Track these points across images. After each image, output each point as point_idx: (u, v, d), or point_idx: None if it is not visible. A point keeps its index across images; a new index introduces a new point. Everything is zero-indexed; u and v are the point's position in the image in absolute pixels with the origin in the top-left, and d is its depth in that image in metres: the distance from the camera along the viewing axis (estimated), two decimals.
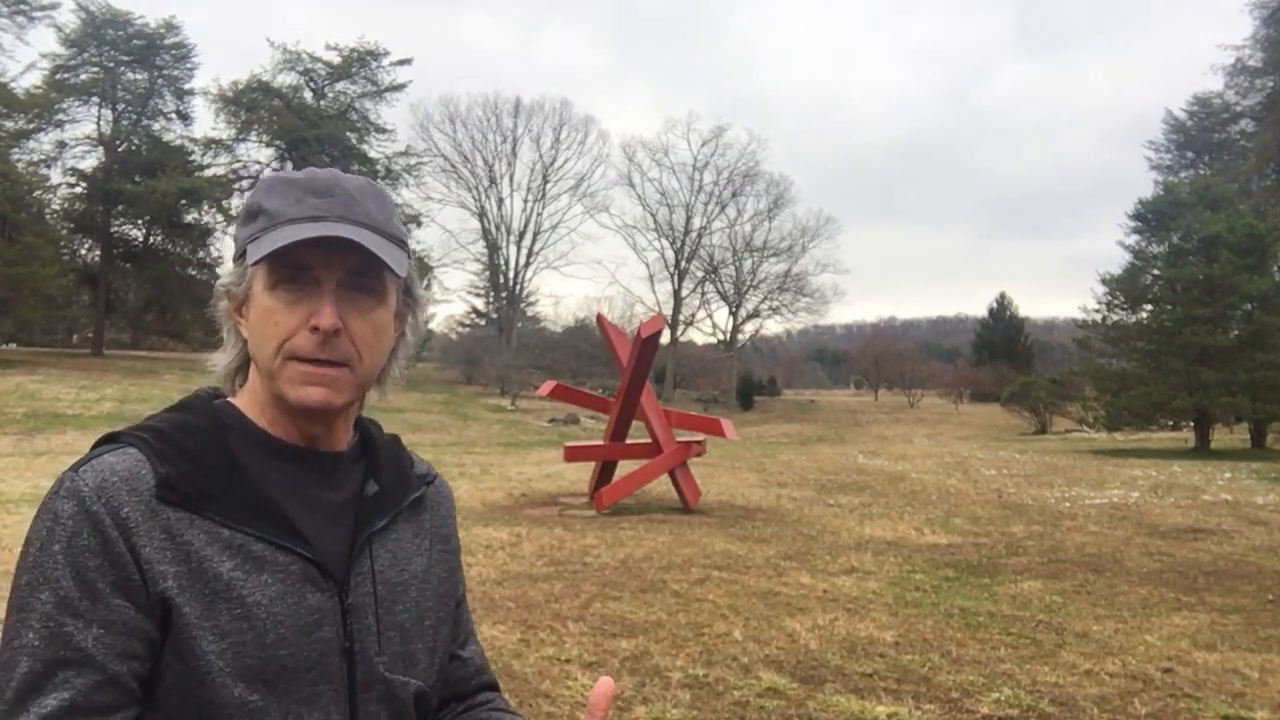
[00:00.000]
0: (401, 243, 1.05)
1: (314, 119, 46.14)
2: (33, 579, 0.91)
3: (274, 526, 0.99)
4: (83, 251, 44.40)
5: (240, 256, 1.03)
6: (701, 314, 57.69)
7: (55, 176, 42.26)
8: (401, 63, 49.42)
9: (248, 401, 1.06)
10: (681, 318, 55.83)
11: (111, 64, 42.14)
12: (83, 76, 42.00)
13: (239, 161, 47.11)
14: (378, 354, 1.05)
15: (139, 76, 43.48)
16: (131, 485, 0.94)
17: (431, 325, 63.30)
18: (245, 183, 47.14)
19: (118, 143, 43.05)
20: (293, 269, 0.99)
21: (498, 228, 54.79)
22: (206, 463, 0.99)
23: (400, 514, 1.11)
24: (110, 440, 1.00)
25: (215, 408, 1.06)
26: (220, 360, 1.09)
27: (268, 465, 1.02)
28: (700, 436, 12.41)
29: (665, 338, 44.24)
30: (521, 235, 54.54)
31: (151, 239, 44.95)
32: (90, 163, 42.86)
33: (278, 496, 1.01)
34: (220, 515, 0.97)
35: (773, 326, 65.31)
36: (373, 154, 49.27)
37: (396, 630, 1.05)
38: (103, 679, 0.89)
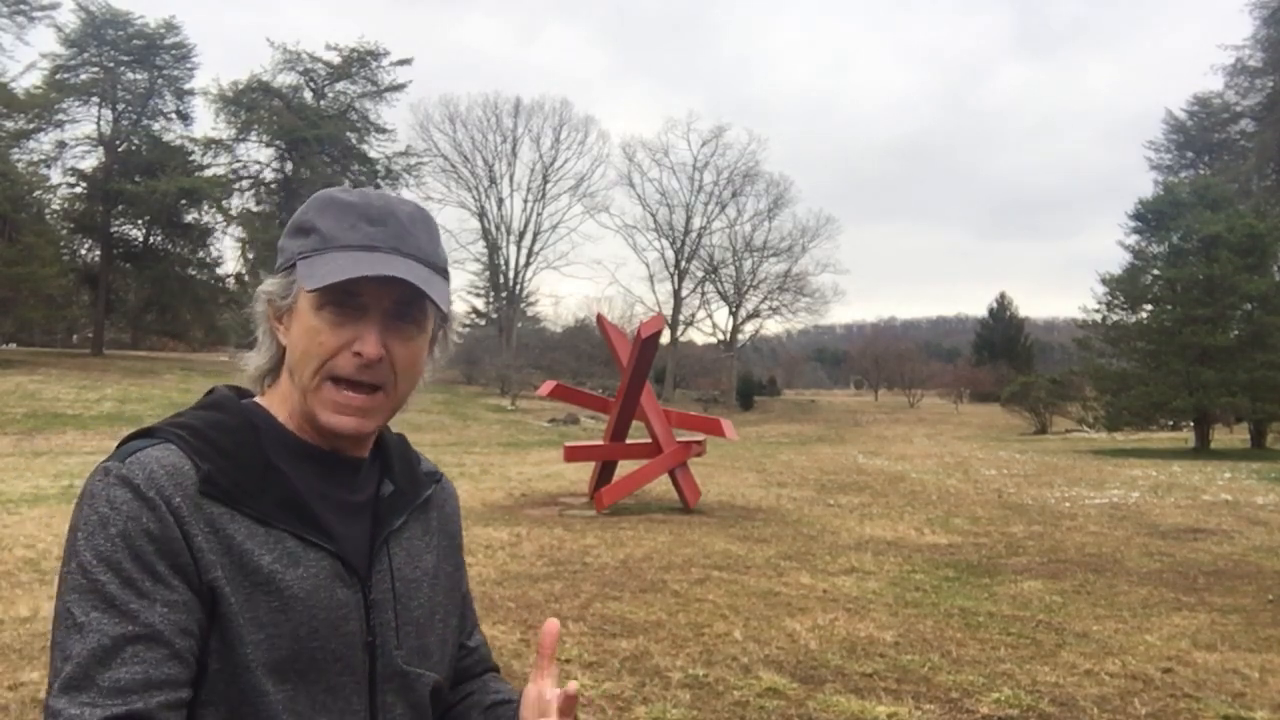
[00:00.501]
0: (445, 273, 1.10)
1: (314, 119, 46.15)
2: (87, 561, 0.92)
3: (306, 524, 1.02)
4: (83, 251, 44.38)
5: (289, 268, 1.06)
6: (701, 314, 57.76)
7: (55, 176, 42.29)
8: (401, 63, 49.49)
9: (276, 404, 1.09)
10: (681, 318, 55.84)
11: (111, 64, 42.13)
12: (83, 76, 41.98)
13: (239, 161, 47.16)
14: (413, 378, 1.10)
15: (139, 76, 43.48)
16: (177, 479, 0.97)
17: None
18: (245, 183, 47.23)
19: (118, 143, 43.04)
20: (343, 294, 1.02)
21: (498, 228, 54.83)
22: (242, 461, 1.01)
23: (414, 513, 1.16)
24: (145, 435, 1.02)
25: (245, 408, 1.08)
26: (254, 361, 1.11)
27: (296, 466, 1.05)
28: (700, 436, 12.40)
29: (665, 338, 44.25)
30: (521, 235, 54.58)
31: (151, 239, 44.93)
32: (90, 163, 42.90)
33: (306, 496, 1.04)
34: (257, 511, 1.00)
35: (773, 326, 65.37)
36: (373, 154, 49.32)
37: (413, 625, 1.10)
38: (170, 653, 0.91)
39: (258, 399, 1.11)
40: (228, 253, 47.17)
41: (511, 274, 54.63)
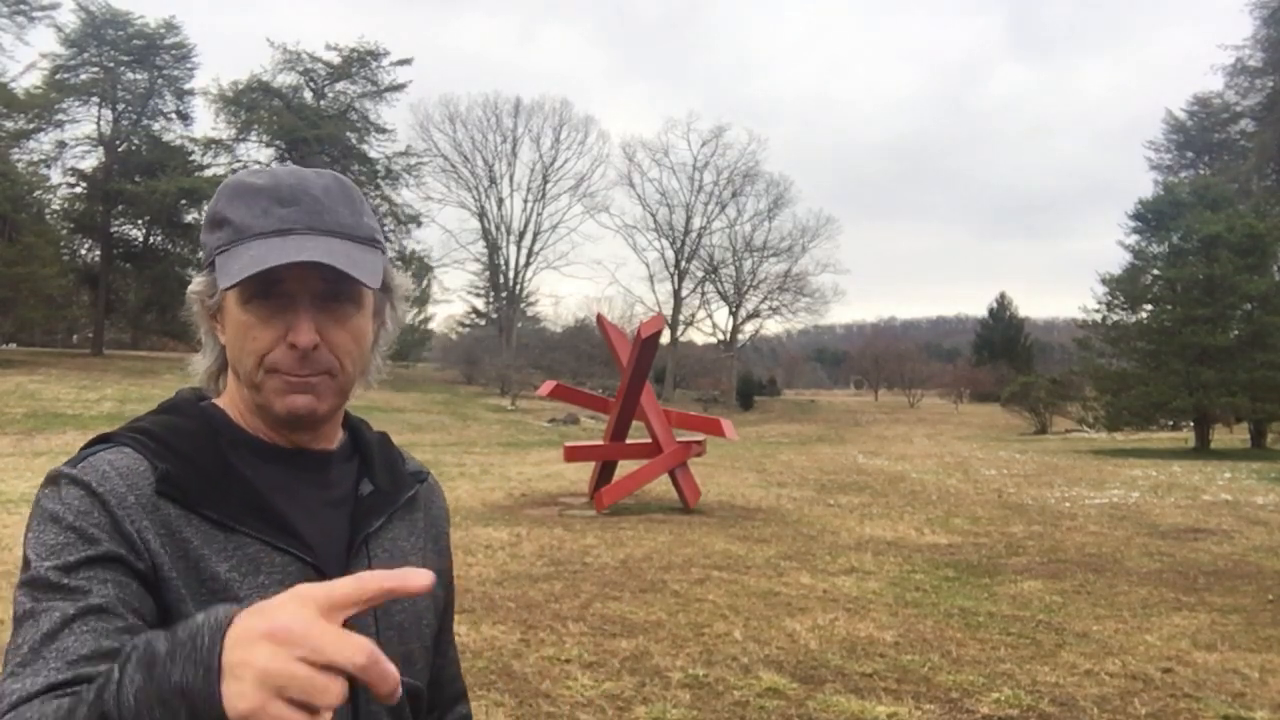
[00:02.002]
0: (374, 242, 1.02)
1: (314, 119, 46.16)
2: (39, 553, 0.89)
3: (271, 527, 0.97)
4: (83, 251, 44.42)
5: (210, 265, 1.01)
6: (701, 314, 57.77)
7: (55, 176, 42.33)
8: (401, 63, 49.49)
9: (230, 404, 1.05)
10: (681, 318, 55.84)
11: (111, 64, 42.14)
12: (83, 76, 42.00)
13: (239, 161, 47.09)
14: (359, 359, 1.04)
15: (139, 76, 43.50)
16: (131, 481, 0.93)
17: (431, 325, 63.45)
18: None
19: (118, 143, 43.05)
20: (265, 286, 0.96)
21: (498, 228, 54.83)
22: (200, 463, 0.97)
23: (395, 513, 1.11)
24: (101, 441, 0.99)
25: (204, 410, 1.05)
26: (201, 364, 1.07)
27: (259, 467, 1.01)
28: (700, 436, 12.40)
29: (665, 338, 44.24)
30: (521, 235, 54.58)
31: (151, 239, 44.96)
32: (90, 163, 42.93)
33: (273, 497, 1.00)
34: (218, 515, 0.95)
35: (773, 326, 65.38)
36: (373, 154, 49.30)
37: (395, 630, 1.05)
38: (123, 625, 0.86)
39: (215, 400, 1.07)
40: None
41: (511, 274, 54.65)
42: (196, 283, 1.04)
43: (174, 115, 45.38)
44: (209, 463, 0.98)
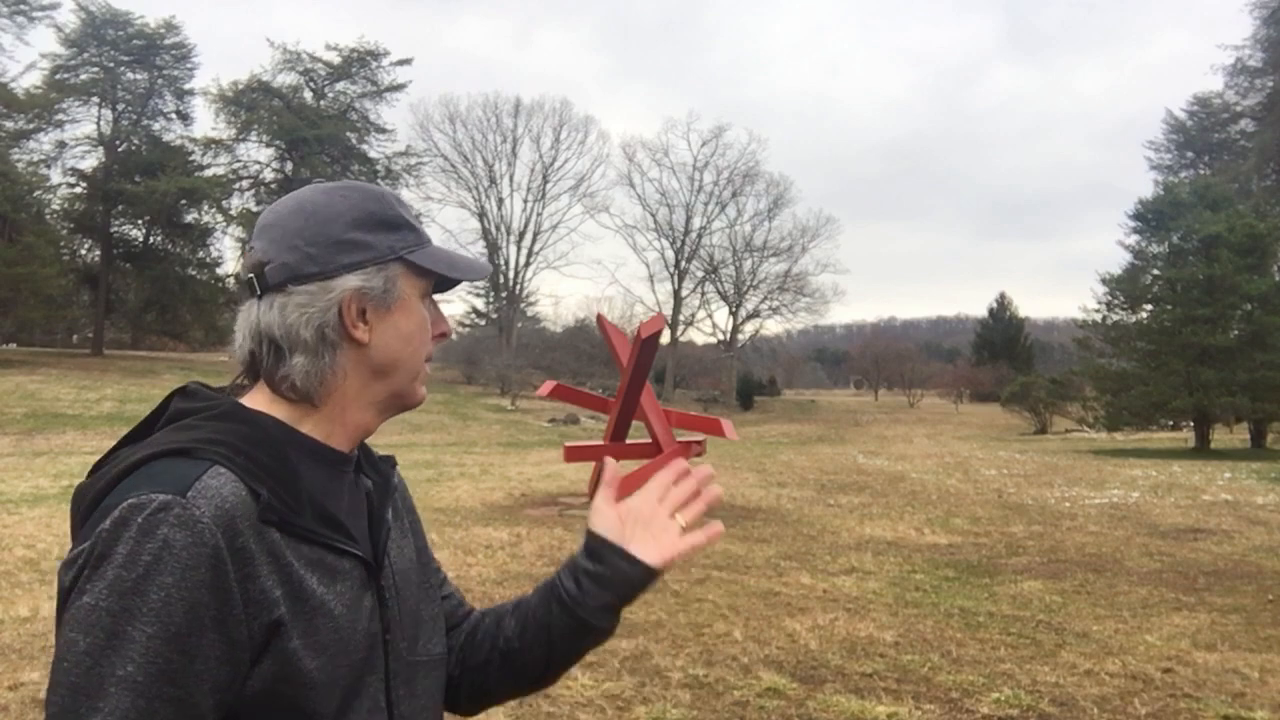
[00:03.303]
0: None
1: (314, 119, 46.17)
2: (129, 606, 0.85)
3: (338, 533, 1.01)
4: (83, 251, 44.42)
5: (379, 262, 1.04)
6: (701, 314, 57.77)
7: (55, 176, 42.33)
8: (401, 63, 49.53)
9: (268, 404, 1.04)
10: (681, 318, 55.84)
11: (111, 64, 42.16)
12: (83, 76, 42.02)
13: (239, 161, 47.19)
14: None
15: (139, 76, 43.52)
16: (241, 511, 0.92)
17: None
18: (245, 183, 47.24)
19: (118, 143, 43.06)
20: (440, 285, 1.10)
21: (498, 228, 54.86)
22: (282, 477, 0.98)
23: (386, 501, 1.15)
24: (180, 454, 0.94)
25: (259, 417, 1.02)
26: (305, 366, 1.02)
27: (314, 471, 1.03)
28: (700, 436, 12.39)
29: (665, 338, 44.26)
30: (521, 235, 54.61)
31: (151, 239, 44.96)
32: (90, 163, 42.95)
33: (329, 502, 1.03)
34: (302, 530, 0.97)
35: (773, 326, 65.41)
36: (373, 154, 49.35)
37: (410, 615, 1.10)
38: (190, 714, 0.87)
39: (250, 403, 1.04)
40: (228, 253, 47.16)
41: (511, 274, 54.64)
42: (358, 280, 1.03)
43: (174, 115, 45.45)
44: (287, 475, 0.98)
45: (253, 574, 0.91)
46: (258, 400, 1.04)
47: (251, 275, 1.02)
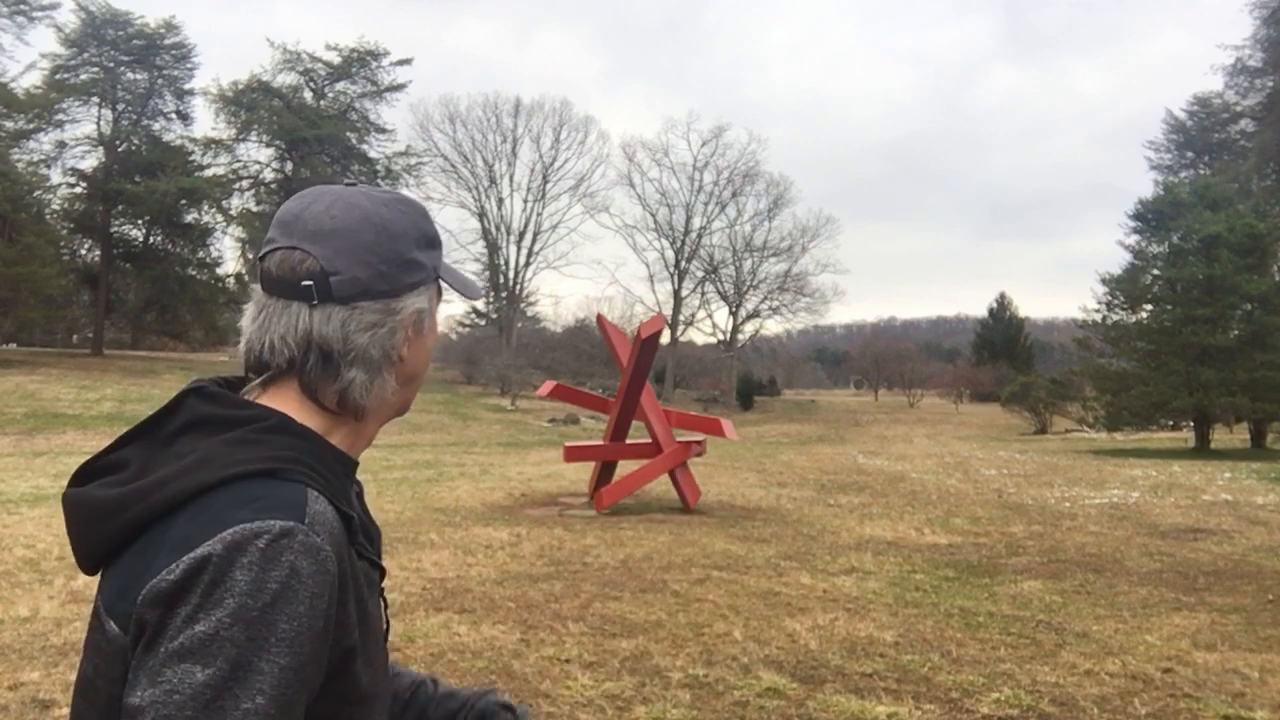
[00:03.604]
0: None
1: (314, 119, 46.18)
2: (257, 636, 0.82)
3: (372, 544, 1.03)
4: (83, 251, 44.42)
5: (427, 283, 1.07)
6: (701, 314, 57.80)
7: (55, 176, 42.35)
8: (401, 63, 49.55)
9: (298, 410, 1.01)
10: (681, 318, 55.85)
11: (111, 64, 42.17)
12: (83, 76, 42.02)
13: (239, 161, 47.22)
14: None
15: (139, 76, 43.52)
16: (341, 536, 0.93)
17: None
18: (245, 183, 47.27)
19: (118, 143, 43.06)
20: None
21: (498, 228, 54.88)
22: (344, 493, 0.98)
23: None
24: (269, 476, 0.91)
25: (306, 430, 0.99)
26: (372, 389, 1.02)
27: (345, 481, 1.03)
28: (700, 436, 12.40)
29: (665, 338, 44.25)
30: (521, 235, 54.63)
31: (151, 239, 44.96)
32: (90, 163, 42.96)
33: (364, 518, 1.04)
34: (361, 548, 0.98)
35: (773, 326, 65.42)
36: (373, 154, 49.38)
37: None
38: None
39: (282, 409, 1.00)
40: (228, 253, 47.29)
41: (511, 274, 54.67)
42: (417, 300, 1.05)
43: (174, 115, 45.47)
44: (345, 490, 0.99)
45: (345, 600, 0.91)
46: (287, 405, 1.00)
47: (310, 283, 0.98)
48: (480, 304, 57.55)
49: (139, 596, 0.85)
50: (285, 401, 1.00)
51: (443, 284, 1.11)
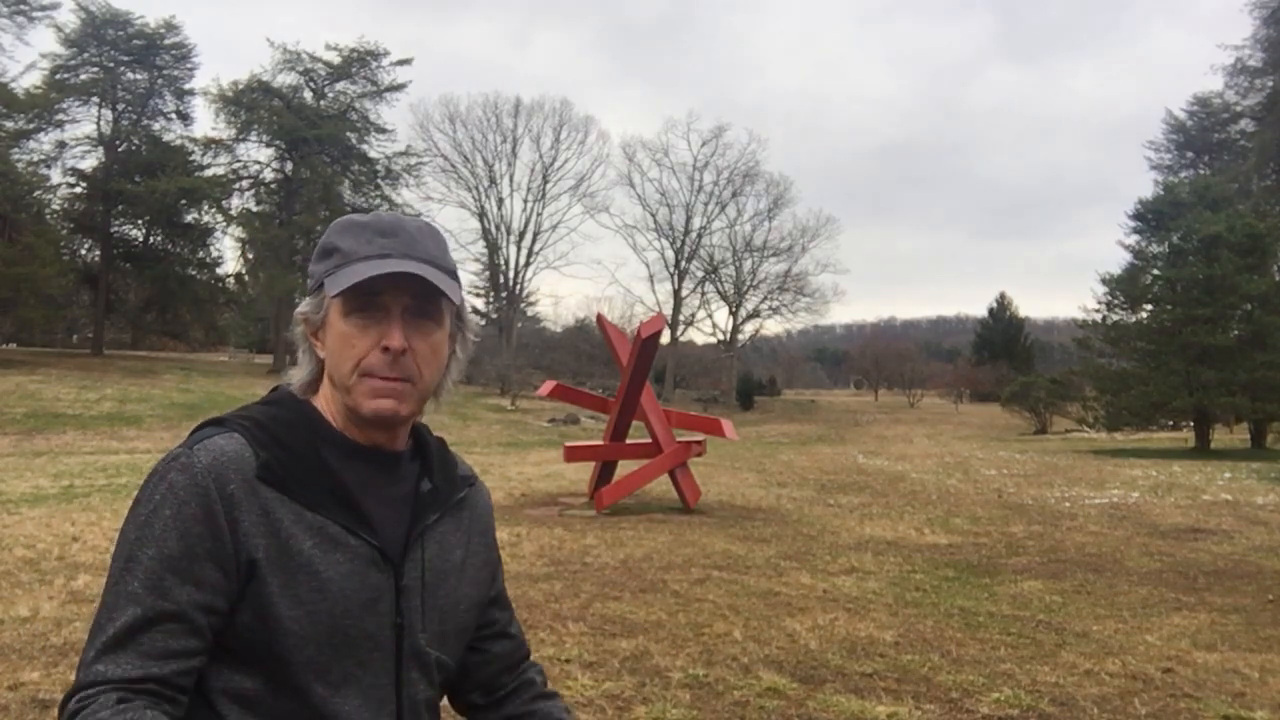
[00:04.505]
0: (454, 275, 1.23)
1: (314, 119, 46.14)
2: (141, 535, 1.08)
3: (348, 514, 1.15)
4: (83, 251, 44.39)
5: (318, 289, 1.20)
6: (701, 314, 57.78)
7: (55, 176, 42.33)
8: (401, 63, 49.52)
9: (324, 405, 1.22)
10: (681, 318, 55.84)
11: (111, 64, 42.15)
12: (83, 76, 42.00)
13: (239, 161, 47.18)
14: (436, 370, 1.23)
15: (139, 76, 43.50)
16: (237, 465, 1.10)
17: None
18: (245, 183, 47.23)
19: (118, 143, 43.04)
20: (365, 298, 1.15)
21: (498, 228, 54.85)
22: (297, 452, 1.15)
23: (448, 510, 1.28)
24: (215, 424, 1.16)
25: (300, 405, 1.21)
26: (297, 376, 1.23)
27: (344, 461, 1.18)
28: (700, 436, 12.40)
29: (665, 338, 44.24)
30: (521, 235, 54.59)
31: (151, 239, 44.94)
32: (90, 163, 42.93)
33: (351, 489, 1.17)
34: (306, 499, 1.13)
35: (773, 326, 65.62)
36: (373, 154, 49.34)
37: (436, 612, 1.23)
38: (190, 628, 1.06)
39: (312, 400, 1.23)
40: (228, 253, 47.39)
41: (511, 274, 54.65)
42: (305, 305, 1.22)
43: (174, 115, 45.44)
44: (303, 452, 1.15)
45: (238, 518, 1.08)
46: (320, 393, 1.24)
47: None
48: (480, 304, 57.60)
49: None
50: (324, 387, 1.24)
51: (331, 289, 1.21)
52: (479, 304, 57.83)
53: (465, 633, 1.30)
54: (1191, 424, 28.62)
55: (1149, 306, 29.96)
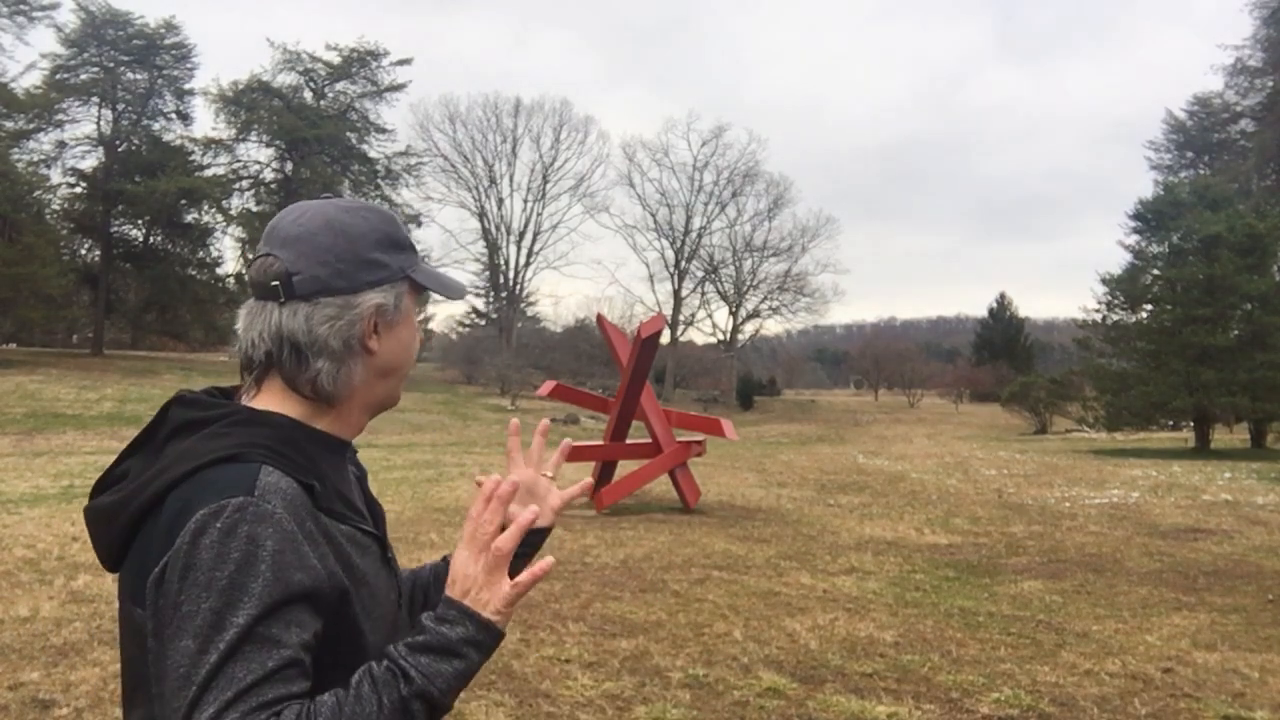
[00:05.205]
0: None
1: (314, 119, 46.14)
2: (231, 600, 0.95)
3: (356, 512, 1.15)
4: (83, 251, 44.36)
5: (392, 280, 1.17)
6: (701, 314, 57.80)
7: (55, 176, 42.26)
8: (401, 63, 49.50)
9: (280, 403, 1.14)
10: (681, 318, 55.84)
11: (111, 64, 42.12)
12: (83, 76, 41.97)
13: (239, 161, 47.18)
14: None
15: (139, 76, 43.46)
16: (300, 500, 1.04)
17: (431, 325, 63.42)
18: (245, 183, 47.22)
19: (118, 143, 43.02)
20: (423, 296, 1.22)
21: (498, 228, 54.87)
22: (313, 470, 1.09)
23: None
24: (228, 460, 1.04)
25: (278, 418, 1.12)
26: (339, 377, 1.14)
27: (327, 460, 1.15)
28: (700, 436, 12.40)
29: (665, 338, 44.25)
30: (521, 235, 54.62)
31: (151, 239, 44.91)
32: (90, 163, 42.88)
33: (344, 488, 1.16)
34: (339, 514, 1.10)
35: (773, 326, 65.45)
36: (373, 154, 49.32)
37: (401, 580, 1.26)
38: (301, 670, 0.98)
39: (259, 404, 1.14)
40: (228, 253, 47.27)
41: (511, 274, 54.68)
42: (377, 296, 1.16)
43: (174, 115, 45.38)
44: (314, 467, 1.10)
45: (324, 553, 1.04)
46: (270, 400, 1.14)
47: (277, 283, 1.12)
48: (480, 304, 57.61)
49: (146, 585, 1.00)
50: (272, 394, 1.14)
51: (420, 283, 1.21)
52: (479, 304, 57.98)
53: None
54: (1191, 424, 28.60)
55: (1149, 306, 29.94)
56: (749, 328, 59.14)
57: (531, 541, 1.34)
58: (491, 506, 1.11)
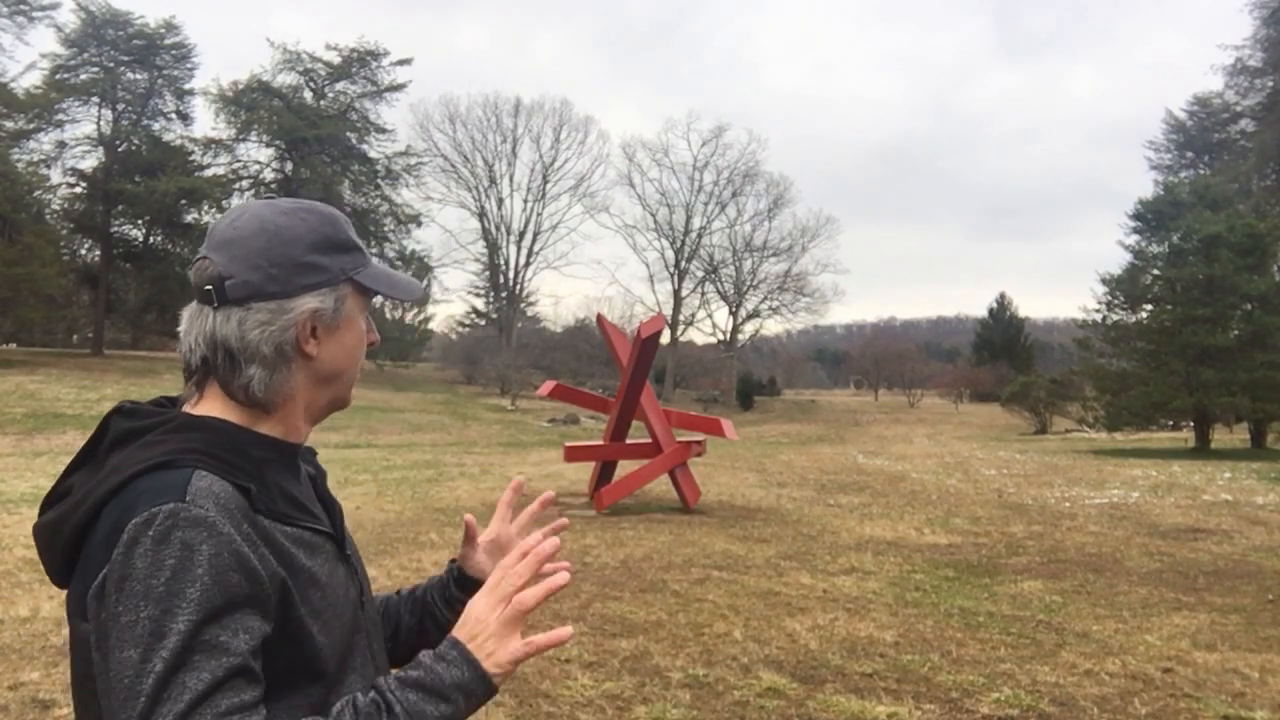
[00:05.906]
0: None
1: (314, 119, 46.13)
2: (169, 607, 0.93)
3: (308, 514, 1.13)
4: (83, 251, 44.38)
5: (331, 284, 1.14)
6: (701, 314, 57.74)
7: (55, 176, 42.27)
8: (401, 63, 49.49)
9: (222, 409, 1.12)
10: (681, 318, 55.82)
11: (111, 64, 42.12)
12: (83, 76, 41.97)
13: (239, 161, 47.17)
14: None
15: (139, 76, 43.47)
16: (236, 502, 1.02)
17: (431, 325, 63.49)
18: (245, 183, 47.20)
19: (118, 143, 43.02)
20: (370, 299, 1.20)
21: (498, 228, 54.83)
22: (251, 472, 1.07)
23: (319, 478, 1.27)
24: (160, 468, 1.02)
25: (217, 423, 1.10)
26: (271, 383, 1.12)
27: (274, 464, 1.13)
28: (700, 436, 12.40)
29: (665, 338, 44.23)
30: (521, 235, 54.58)
31: (151, 239, 44.92)
32: (90, 163, 42.88)
33: (293, 488, 1.14)
34: (281, 515, 1.08)
35: (773, 326, 65.43)
36: (373, 154, 49.29)
37: (366, 578, 1.25)
38: (252, 678, 0.96)
39: (200, 410, 1.12)
40: None
41: (511, 274, 54.64)
42: (314, 301, 1.13)
43: (174, 115, 45.38)
44: (254, 470, 1.08)
45: (264, 555, 1.02)
46: (212, 407, 1.12)
47: (210, 287, 1.10)
48: (480, 304, 57.60)
49: (88, 599, 0.99)
50: (213, 400, 1.13)
51: (365, 285, 1.18)
52: (479, 304, 57.98)
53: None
54: (1191, 424, 28.60)
55: (1149, 306, 29.95)
56: (749, 328, 59.16)
57: (461, 591, 1.41)
58: (527, 561, 1.10)
